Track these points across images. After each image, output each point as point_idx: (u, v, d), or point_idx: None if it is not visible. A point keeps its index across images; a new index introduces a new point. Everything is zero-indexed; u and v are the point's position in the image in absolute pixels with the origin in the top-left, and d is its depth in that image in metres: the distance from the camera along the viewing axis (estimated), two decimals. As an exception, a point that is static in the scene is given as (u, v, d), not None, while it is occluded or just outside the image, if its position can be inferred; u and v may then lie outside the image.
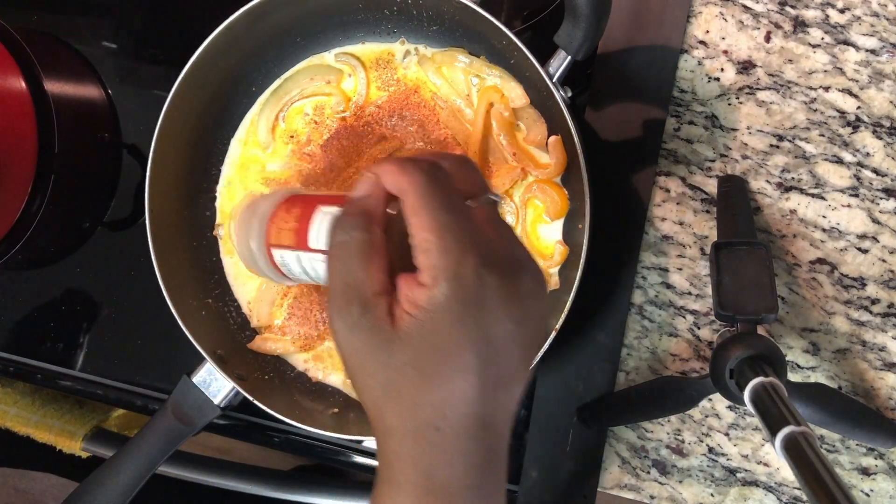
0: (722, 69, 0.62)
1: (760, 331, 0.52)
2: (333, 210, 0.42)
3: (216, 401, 0.59)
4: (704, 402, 0.63)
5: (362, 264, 0.34)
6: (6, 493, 0.79)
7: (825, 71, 0.61)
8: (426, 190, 0.34)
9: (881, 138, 0.60)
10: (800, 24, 0.61)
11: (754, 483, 0.63)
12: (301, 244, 0.43)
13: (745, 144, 0.62)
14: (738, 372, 0.50)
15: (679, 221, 0.63)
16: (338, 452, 0.70)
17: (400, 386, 0.33)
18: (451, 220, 0.34)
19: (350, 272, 0.34)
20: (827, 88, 0.61)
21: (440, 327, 0.32)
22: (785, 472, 0.62)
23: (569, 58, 0.53)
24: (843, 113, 0.60)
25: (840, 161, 0.61)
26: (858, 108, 0.60)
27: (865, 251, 0.61)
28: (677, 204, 0.63)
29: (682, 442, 0.64)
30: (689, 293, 0.63)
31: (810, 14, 0.61)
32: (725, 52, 0.62)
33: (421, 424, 0.33)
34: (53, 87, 0.67)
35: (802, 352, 0.61)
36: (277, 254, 0.45)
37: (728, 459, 0.63)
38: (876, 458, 0.61)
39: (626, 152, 0.63)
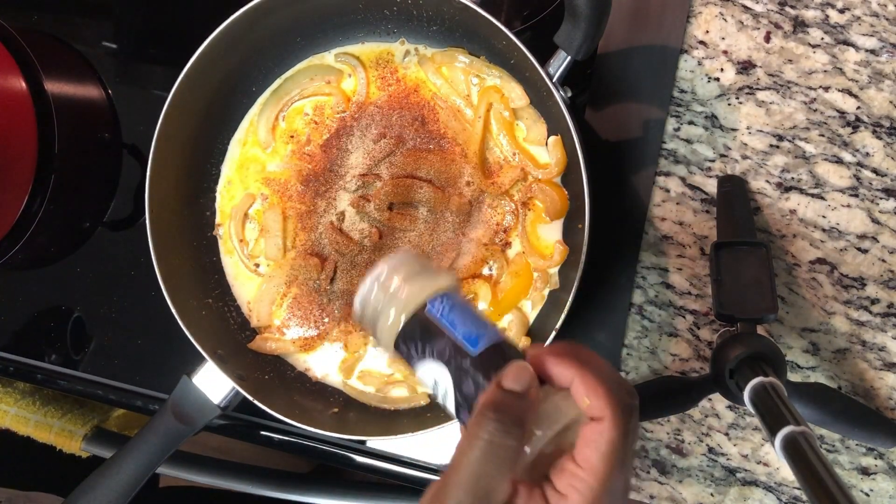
0: (722, 69, 0.62)
1: (760, 331, 0.52)
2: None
3: (216, 401, 0.59)
4: (704, 402, 0.63)
5: (503, 475, 0.34)
6: None
7: (825, 71, 0.61)
8: (623, 441, 0.34)
9: (881, 138, 0.60)
10: (800, 25, 0.61)
11: (754, 483, 0.63)
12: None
13: (745, 144, 0.62)
14: (738, 372, 0.50)
15: (679, 221, 0.63)
16: (338, 452, 0.70)
17: None
18: (620, 482, 0.34)
19: (487, 475, 0.34)
20: (827, 88, 0.61)
21: None
22: (785, 471, 0.62)
23: (569, 58, 0.53)
24: (843, 113, 0.60)
25: (840, 161, 0.61)
26: (858, 108, 0.60)
27: (865, 251, 0.61)
28: (677, 204, 0.63)
29: (682, 442, 0.64)
30: (689, 293, 0.63)
31: (810, 14, 0.61)
32: (725, 52, 0.62)
33: None
34: (53, 87, 0.67)
35: (802, 352, 0.61)
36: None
37: (728, 459, 0.63)
38: (876, 458, 0.61)
39: (626, 152, 0.63)
